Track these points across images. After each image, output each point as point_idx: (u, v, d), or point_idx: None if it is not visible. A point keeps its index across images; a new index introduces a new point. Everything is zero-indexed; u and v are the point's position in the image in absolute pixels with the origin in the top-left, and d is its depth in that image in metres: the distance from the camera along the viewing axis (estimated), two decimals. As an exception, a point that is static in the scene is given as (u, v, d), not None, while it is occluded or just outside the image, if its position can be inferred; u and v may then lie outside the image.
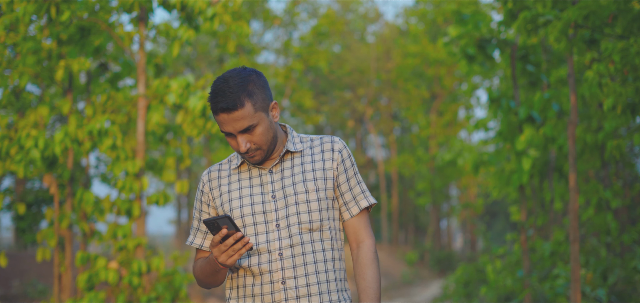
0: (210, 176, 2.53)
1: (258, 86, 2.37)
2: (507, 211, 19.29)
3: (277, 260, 2.38)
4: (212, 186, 2.52)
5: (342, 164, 2.50)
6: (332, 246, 2.46)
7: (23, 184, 13.34)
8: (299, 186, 2.43)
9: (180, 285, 6.14)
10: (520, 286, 7.76)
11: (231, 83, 2.32)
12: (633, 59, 4.73)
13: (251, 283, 2.42)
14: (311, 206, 2.42)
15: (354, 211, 2.50)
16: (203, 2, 5.96)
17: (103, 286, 11.63)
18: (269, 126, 2.39)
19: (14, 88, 6.09)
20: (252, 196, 2.45)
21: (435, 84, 24.99)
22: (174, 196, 24.61)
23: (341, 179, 2.49)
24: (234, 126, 2.34)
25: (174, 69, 20.05)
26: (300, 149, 2.49)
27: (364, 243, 2.50)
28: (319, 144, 2.52)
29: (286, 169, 2.47)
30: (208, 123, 6.10)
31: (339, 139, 2.52)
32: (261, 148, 2.39)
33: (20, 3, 5.57)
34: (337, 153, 2.49)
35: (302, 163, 2.48)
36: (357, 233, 2.51)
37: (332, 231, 2.47)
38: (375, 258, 2.50)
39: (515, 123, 7.53)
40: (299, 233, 2.40)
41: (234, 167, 2.51)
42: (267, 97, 2.39)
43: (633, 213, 8.87)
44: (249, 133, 2.36)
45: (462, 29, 7.42)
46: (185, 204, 27.05)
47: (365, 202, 2.51)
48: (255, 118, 2.34)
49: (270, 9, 22.31)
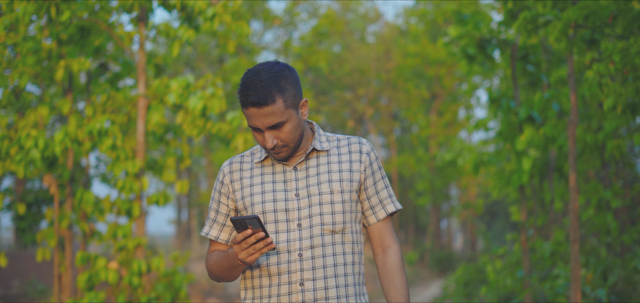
0: (231, 168, 2.45)
1: (290, 82, 2.30)
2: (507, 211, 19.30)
3: (296, 261, 2.32)
4: (233, 178, 2.43)
5: (370, 167, 2.43)
6: (352, 250, 2.40)
7: (23, 184, 13.34)
8: (324, 186, 2.36)
9: (180, 285, 6.14)
10: (521, 286, 7.76)
11: (263, 77, 2.25)
12: (633, 59, 4.73)
13: (268, 284, 2.35)
14: (335, 208, 2.36)
15: (380, 216, 2.44)
16: (203, 2, 5.96)
17: (103, 286, 11.62)
18: (298, 124, 2.32)
19: (14, 88, 6.09)
20: (274, 192, 2.37)
21: (435, 84, 24.99)
22: (174, 196, 24.60)
23: (368, 183, 2.43)
24: (262, 122, 2.27)
25: (174, 69, 20.05)
26: (327, 148, 2.42)
27: (391, 248, 2.44)
28: (346, 145, 2.44)
29: (311, 168, 2.39)
30: (208, 123, 6.10)
31: (366, 140, 2.46)
32: (288, 145, 2.32)
33: (20, 3, 5.57)
34: (364, 154, 2.43)
35: (328, 162, 2.40)
36: (383, 238, 2.45)
37: (353, 235, 2.40)
38: (402, 264, 2.44)
39: (516, 123, 7.52)
40: (321, 235, 2.34)
41: (257, 160, 2.43)
42: (297, 94, 2.32)
43: (633, 213, 8.87)
44: (277, 129, 2.29)
45: (462, 29, 7.41)
46: (185, 204, 27.04)
47: (392, 207, 2.45)
48: (285, 115, 2.27)
49: (270, 9, 22.31)
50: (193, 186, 26.46)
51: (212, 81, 6.07)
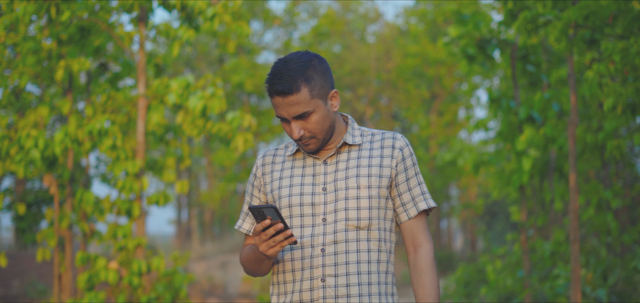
0: (264, 161, 2.43)
1: (318, 72, 2.27)
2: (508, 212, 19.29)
3: (318, 256, 2.27)
4: (265, 171, 2.41)
5: (402, 163, 2.36)
6: (378, 247, 2.32)
7: (23, 185, 13.34)
8: (351, 181, 2.31)
9: (180, 285, 6.14)
10: (521, 286, 7.76)
11: (290, 66, 2.23)
12: (633, 59, 4.73)
13: (291, 279, 2.31)
14: (361, 203, 2.29)
15: (411, 213, 2.37)
16: (203, 2, 5.96)
17: (103, 286, 11.62)
18: (326, 115, 2.28)
19: (14, 88, 6.09)
20: (302, 186, 2.33)
21: (436, 84, 24.98)
22: (174, 196, 24.60)
23: (400, 179, 2.36)
24: (288, 111, 2.24)
25: (174, 69, 20.05)
26: (358, 142, 2.36)
27: (422, 247, 2.36)
28: (380, 139, 2.38)
29: (341, 162, 2.34)
30: (208, 123, 6.10)
31: (401, 136, 2.40)
32: (316, 136, 2.28)
33: (20, 3, 5.57)
34: (397, 150, 2.36)
35: (359, 157, 2.35)
36: (414, 236, 2.37)
37: (381, 232, 2.33)
38: (434, 264, 2.37)
39: (516, 123, 7.52)
40: (345, 230, 2.28)
41: (289, 154, 2.40)
42: (326, 85, 2.29)
43: (633, 213, 8.86)
44: (303, 119, 2.26)
45: (462, 29, 7.41)
46: (185, 204, 27.03)
47: (424, 204, 2.38)
48: (310, 105, 2.24)
49: (270, 9, 22.31)
50: (193, 186, 26.45)
51: (212, 81, 6.07)
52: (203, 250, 20.23)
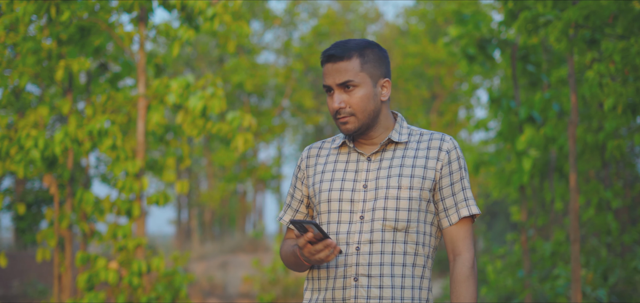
0: (309, 153, 2.38)
1: (375, 55, 2.24)
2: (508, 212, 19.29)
3: (353, 254, 2.21)
4: (309, 163, 2.36)
5: (448, 166, 2.27)
6: (415, 251, 2.23)
7: (23, 185, 13.34)
8: (393, 180, 2.23)
9: (180, 286, 6.13)
10: (521, 286, 7.76)
11: (351, 42, 2.22)
12: (634, 59, 4.72)
13: (325, 276, 2.25)
14: (400, 204, 2.21)
15: (453, 219, 2.27)
16: (203, 2, 5.95)
17: (103, 286, 11.62)
18: (371, 97, 2.22)
19: (14, 88, 6.09)
20: (343, 181, 2.27)
21: (436, 84, 24.99)
22: (174, 196, 24.60)
23: (444, 183, 2.27)
24: (333, 78, 2.20)
25: (174, 69, 20.04)
26: (404, 140, 2.28)
27: (461, 256, 2.26)
28: (427, 140, 2.29)
29: (385, 160, 2.26)
30: (208, 123, 6.09)
31: (450, 138, 2.32)
32: (355, 114, 2.22)
33: (20, 3, 5.57)
34: (444, 152, 2.27)
35: (404, 156, 2.27)
36: (455, 244, 2.27)
37: (419, 235, 2.24)
38: (472, 274, 2.25)
39: (516, 123, 7.52)
40: (382, 230, 2.21)
41: (335, 146, 2.33)
42: (379, 69, 2.25)
43: (634, 213, 8.86)
44: (347, 91, 2.21)
45: (462, 29, 7.41)
46: (185, 204, 27.03)
47: (466, 211, 2.27)
48: (358, 77, 2.20)
49: (270, 9, 22.30)
50: (193, 186, 26.45)
51: (212, 81, 6.07)
52: (203, 250, 20.23)
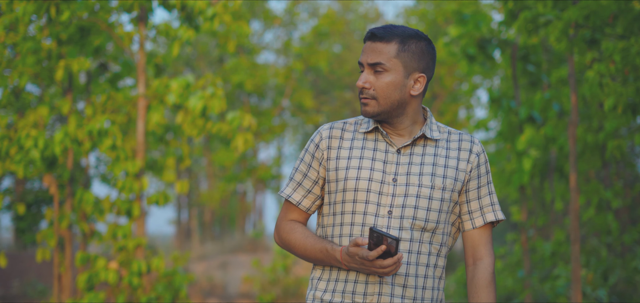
0: (332, 133, 2.24)
1: (419, 47, 2.17)
2: (508, 212, 19.31)
3: None
4: (331, 144, 2.23)
5: (477, 169, 2.24)
6: (438, 252, 2.20)
7: (23, 185, 13.33)
8: (426, 179, 2.17)
9: (180, 285, 6.13)
10: (521, 286, 7.75)
11: (398, 27, 2.15)
12: (634, 59, 4.72)
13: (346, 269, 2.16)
14: (432, 205, 2.16)
15: (477, 223, 2.24)
16: (203, 2, 5.95)
17: (103, 286, 11.62)
18: (399, 86, 2.15)
19: (14, 88, 6.09)
20: (372, 171, 2.17)
21: (436, 84, 24.98)
22: (174, 196, 24.60)
23: (471, 185, 2.23)
24: (367, 56, 2.14)
25: (174, 69, 20.04)
26: (437, 137, 2.22)
27: (482, 261, 2.22)
28: (457, 140, 2.24)
29: (416, 155, 2.19)
30: (208, 123, 6.09)
31: (478, 140, 2.27)
32: (377, 99, 2.15)
33: (20, 3, 5.57)
34: (474, 155, 2.23)
35: (435, 154, 2.21)
36: (476, 248, 2.24)
37: (443, 236, 2.21)
38: (493, 280, 2.22)
39: (516, 123, 7.52)
40: (410, 229, 2.15)
41: (362, 130, 2.22)
42: (418, 63, 2.17)
43: (634, 213, 8.86)
44: (375, 72, 2.15)
45: (462, 29, 7.40)
46: (185, 204, 27.02)
47: (492, 216, 2.24)
48: (390, 62, 2.14)
49: (270, 9, 22.30)
50: (193, 186, 26.44)
51: (212, 81, 6.07)
52: (203, 250, 20.22)
